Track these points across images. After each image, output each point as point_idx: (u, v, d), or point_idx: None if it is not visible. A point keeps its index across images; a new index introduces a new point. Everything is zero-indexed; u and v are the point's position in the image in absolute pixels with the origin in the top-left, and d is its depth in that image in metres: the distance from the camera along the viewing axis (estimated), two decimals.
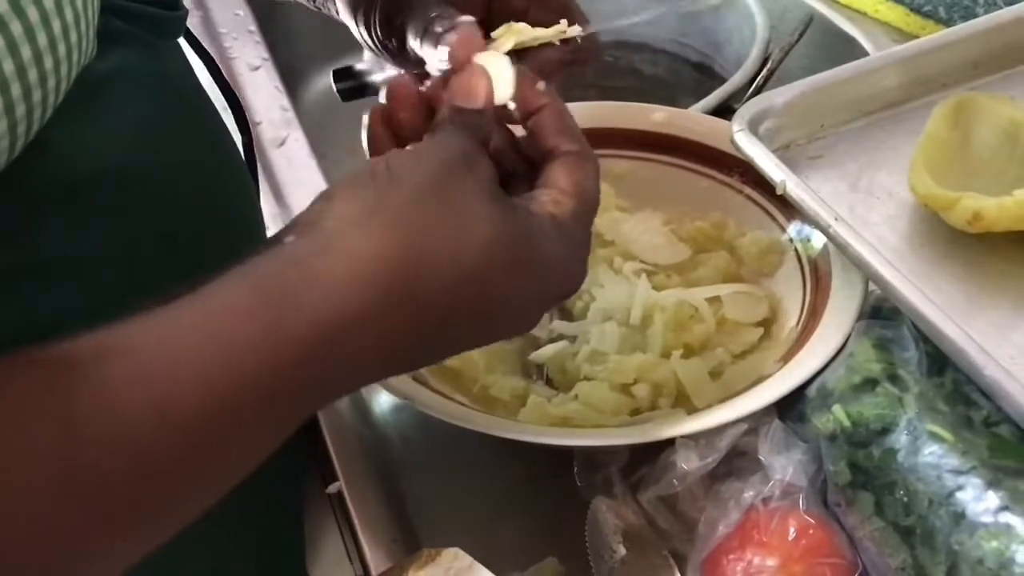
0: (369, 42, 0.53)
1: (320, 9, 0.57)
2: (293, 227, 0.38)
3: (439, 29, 0.47)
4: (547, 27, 0.49)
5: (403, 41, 0.50)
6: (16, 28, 0.33)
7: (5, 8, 0.33)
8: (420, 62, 0.49)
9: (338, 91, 0.66)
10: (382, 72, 0.63)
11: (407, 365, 0.43)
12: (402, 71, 0.54)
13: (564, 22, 0.48)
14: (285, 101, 0.87)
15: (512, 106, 0.46)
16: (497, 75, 0.45)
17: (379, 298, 0.36)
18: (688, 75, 0.97)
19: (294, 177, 0.79)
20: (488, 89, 0.44)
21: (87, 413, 0.31)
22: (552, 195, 0.43)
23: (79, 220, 0.33)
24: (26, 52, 0.34)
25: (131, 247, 0.33)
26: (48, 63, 0.35)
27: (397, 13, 0.50)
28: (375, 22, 0.52)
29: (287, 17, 1.01)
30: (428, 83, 0.47)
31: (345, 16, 0.54)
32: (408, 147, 0.42)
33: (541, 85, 0.46)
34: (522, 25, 0.49)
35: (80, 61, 0.38)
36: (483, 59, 0.46)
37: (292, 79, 0.97)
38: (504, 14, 0.50)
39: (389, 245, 0.37)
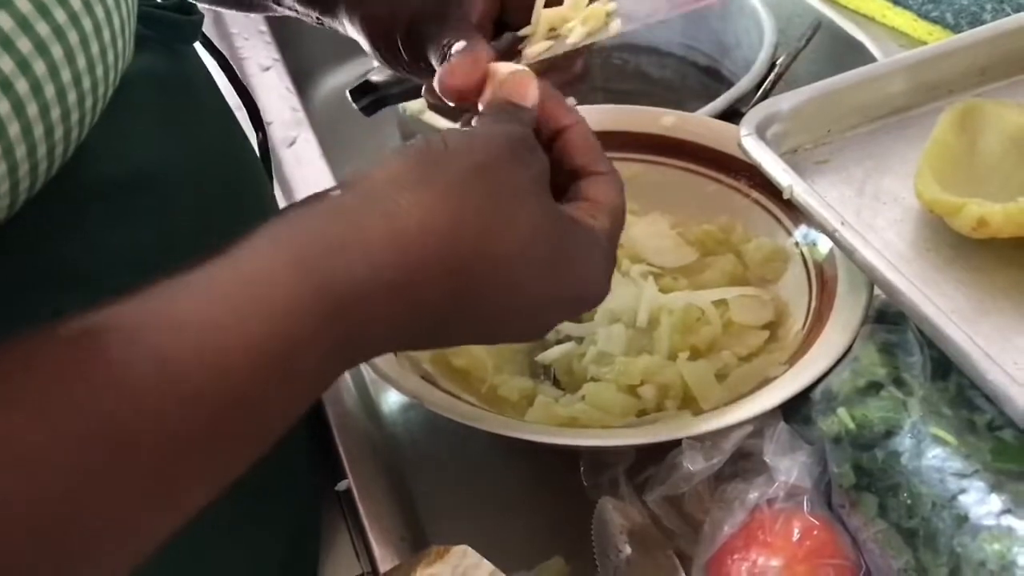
0: (386, 62, 0.54)
1: (321, 24, 0.58)
2: (339, 184, 0.39)
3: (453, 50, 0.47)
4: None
5: (430, 66, 0.51)
6: (73, 38, 0.34)
7: (64, 19, 0.34)
8: None
9: (359, 109, 0.67)
10: (400, 83, 0.63)
11: (431, 339, 0.42)
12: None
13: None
14: (295, 102, 0.88)
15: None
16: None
17: (414, 265, 0.36)
18: (695, 79, 0.97)
19: (304, 177, 0.80)
20: (535, 92, 0.45)
21: (136, 374, 0.31)
22: (588, 208, 0.44)
23: (110, 221, 0.34)
24: (81, 61, 0.35)
25: (157, 248, 0.34)
26: (99, 71, 0.36)
27: (420, 43, 0.51)
28: (401, 50, 0.52)
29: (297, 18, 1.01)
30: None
31: (357, 36, 0.55)
32: (466, 127, 0.43)
33: (571, 101, 0.47)
34: (551, 12, 0.49)
35: (123, 67, 0.39)
36: (505, 69, 0.46)
37: (302, 80, 0.97)
38: (519, 8, 0.51)
39: (433, 215, 0.37)
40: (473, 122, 0.45)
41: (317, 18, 0.57)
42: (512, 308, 0.41)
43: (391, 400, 0.65)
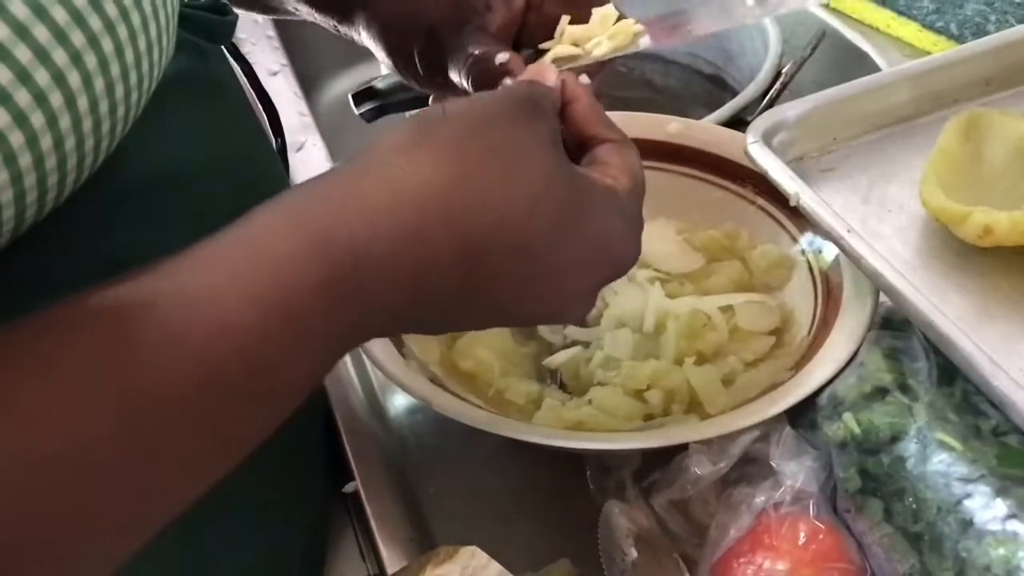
0: (401, 72, 0.54)
1: (338, 32, 0.58)
2: (344, 159, 0.39)
3: (486, 67, 0.47)
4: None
5: (445, 74, 0.50)
6: (123, 32, 0.34)
7: (115, 13, 0.34)
8: (465, 92, 0.50)
9: (360, 114, 0.67)
10: (404, 91, 0.63)
11: (443, 310, 0.39)
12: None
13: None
14: (303, 106, 0.88)
15: None
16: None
17: (414, 223, 0.36)
18: (700, 86, 0.98)
19: None
20: (554, 76, 0.45)
21: (144, 344, 0.31)
22: (604, 169, 0.43)
23: (142, 220, 0.34)
24: (129, 56, 0.35)
25: (187, 244, 0.34)
26: (144, 66, 0.36)
27: (438, 53, 0.50)
28: (416, 60, 0.52)
29: (304, 23, 1.02)
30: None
31: (373, 45, 0.55)
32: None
33: (584, 79, 0.46)
34: (576, 29, 0.49)
35: (165, 63, 0.39)
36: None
37: (309, 84, 0.98)
38: (539, 26, 0.51)
39: (431, 172, 0.36)
40: None
41: (335, 26, 0.57)
42: (529, 275, 0.39)
43: (398, 402, 0.65)
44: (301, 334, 0.34)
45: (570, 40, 0.49)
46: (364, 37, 0.55)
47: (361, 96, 0.67)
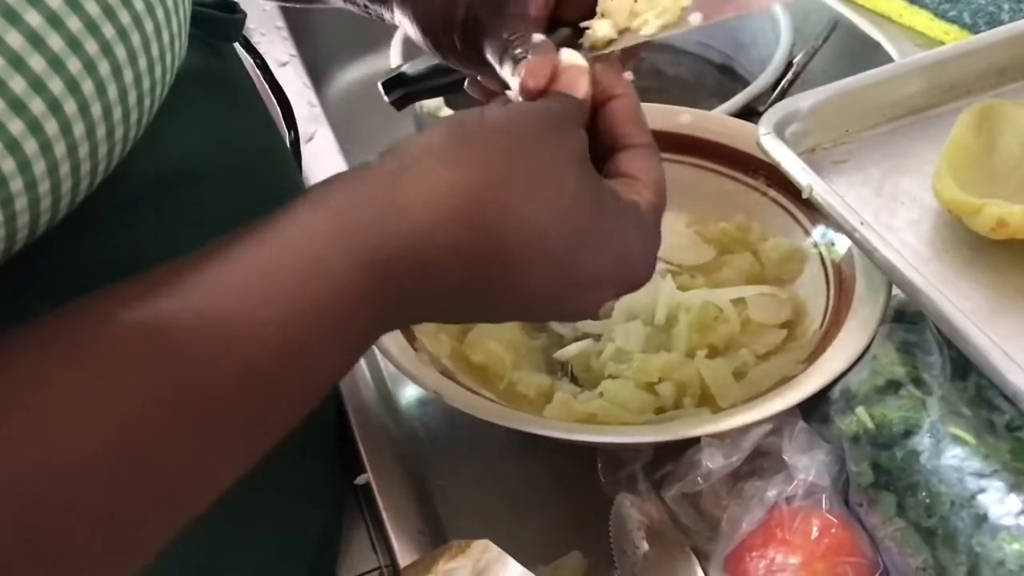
0: (438, 53, 0.54)
1: (368, 13, 0.57)
2: (380, 153, 0.39)
3: (518, 52, 0.47)
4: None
5: (483, 55, 0.51)
6: (136, 40, 0.35)
7: (128, 21, 0.34)
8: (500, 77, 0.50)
9: (391, 102, 0.67)
10: (434, 77, 0.63)
11: (468, 307, 0.41)
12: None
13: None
14: (312, 97, 0.88)
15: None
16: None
17: (445, 223, 0.37)
18: (711, 77, 0.97)
19: (322, 172, 0.80)
20: (587, 85, 0.45)
21: (178, 334, 0.32)
22: (630, 183, 0.44)
23: (156, 217, 0.34)
24: (142, 62, 0.35)
25: (201, 243, 0.35)
26: (158, 71, 0.37)
27: (474, 34, 0.50)
28: (454, 41, 0.52)
29: (313, 13, 1.01)
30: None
31: (408, 28, 0.54)
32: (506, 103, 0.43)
33: (628, 75, 0.47)
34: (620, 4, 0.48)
35: (178, 67, 0.39)
36: (566, 57, 0.46)
37: (318, 75, 0.98)
38: (576, 3, 0.50)
39: (464, 175, 0.38)
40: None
41: (364, 6, 0.57)
42: (551, 289, 0.40)
43: (409, 395, 0.65)
44: (333, 328, 0.35)
45: (614, 17, 0.47)
46: (398, 19, 0.54)
47: (391, 83, 0.67)
